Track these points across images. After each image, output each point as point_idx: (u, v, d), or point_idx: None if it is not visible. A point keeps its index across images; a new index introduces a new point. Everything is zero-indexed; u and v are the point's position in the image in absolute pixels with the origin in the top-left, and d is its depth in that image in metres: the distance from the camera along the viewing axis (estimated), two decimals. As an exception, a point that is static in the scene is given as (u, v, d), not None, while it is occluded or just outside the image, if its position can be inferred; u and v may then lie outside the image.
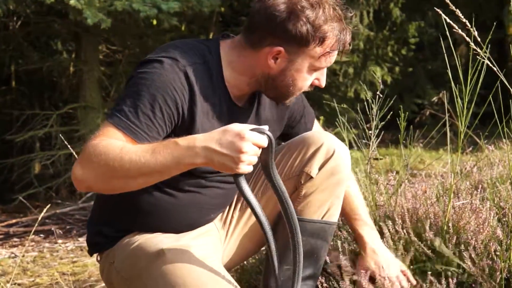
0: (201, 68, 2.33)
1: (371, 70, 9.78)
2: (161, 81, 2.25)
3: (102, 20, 6.53)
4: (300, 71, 2.37)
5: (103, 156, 2.14)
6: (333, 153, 2.60)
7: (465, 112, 2.92)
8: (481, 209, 2.97)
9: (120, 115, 2.22)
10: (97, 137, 2.21)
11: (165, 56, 2.30)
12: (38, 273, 4.70)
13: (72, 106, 8.70)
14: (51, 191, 8.39)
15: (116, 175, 2.17)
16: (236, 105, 2.45)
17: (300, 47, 2.32)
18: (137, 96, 2.24)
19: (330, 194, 2.63)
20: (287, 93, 2.43)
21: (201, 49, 2.38)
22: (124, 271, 2.44)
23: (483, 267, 2.77)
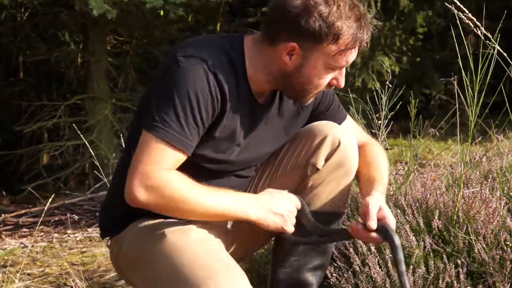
0: (227, 67, 2.32)
1: (378, 60, 9.75)
2: (196, 86, 2.24)
3: (107, 11, 6.53)
4: (315, 68, 2.34)
5: (175, 194, 2.24)
6: (339, 144, 2.58)
7: (475, 102, 2.91)
8: (491, 199, 2.97)
9: (165, 127, 2.24)
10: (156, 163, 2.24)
11: (193, 55, 2.29)
12: (47, 263, 4.72)
13: (80, 97, 8.70)
14: (59, 182, 8.40)
15: (180, 213, 2.32)
16: (257, 102, 2.44)
17: (314, 44, 2.29)
18: (175, 104, 2.24)
19: (337, 186, 2.62)
20: (304, 92, 2.40)
21: (226, 47, 2.37)
22: (130, 253, 2.47)
23: (493, 256, 2.76)
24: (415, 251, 2.81)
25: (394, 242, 2.34)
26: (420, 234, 2.90)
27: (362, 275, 2.82)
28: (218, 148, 2.42)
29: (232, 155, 2.46)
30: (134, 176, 2.25)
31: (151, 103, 2.29)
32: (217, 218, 2.35)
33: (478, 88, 2.87)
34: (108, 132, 8.40)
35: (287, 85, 2.39)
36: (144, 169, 2.24)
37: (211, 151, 2.41)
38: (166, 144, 2.24)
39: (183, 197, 2.24)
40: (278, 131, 2.56)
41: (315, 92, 2.41)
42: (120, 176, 2.51)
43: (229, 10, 10.85)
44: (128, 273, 2.56)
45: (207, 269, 2.25)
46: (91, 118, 8.44)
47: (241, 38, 2.42)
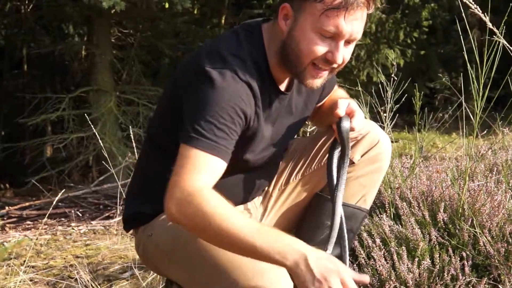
0: (255, 71, 2.28)
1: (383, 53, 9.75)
2: (229, 96, 2.20)
3: (116, 3, 6.54)
4: (304, 31, 2.22)
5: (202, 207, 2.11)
6: (378, 142, 2.62)
7: (481, 95, 2.91)
8: (496, 192, 2.96)
9: (198, 136, 2.17)
10: (193, 177, 2.16)
11: (223, 67, 2.23)
12: (51, 255, 4.72)
13: (84, 89, 8.71)
14: (63, 175, 8.42)
15: (203, 231, 2.16)
16: (281, 92, 2.40)
17: (302, 2, 2.20)
18: (210, 116, 2.18)
19: (368, 181, 2.65)
20: (297, 62, 2.28)
21: (248, 48, 2.31)
22: (164, 244, 2.42)
23: (498, 249, 2.76)
24: (421, 244, 2.81)
25: (345, 128, 2.41)
26: (425, 227, 2.90)
27: (367, 268, 2.82)
28: (255, 149, 2.40)
29: (261, 152, 2.44)
30: (170, 190, 2.18)
31: (185, 117, 2.23)
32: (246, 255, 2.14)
33: (483, 81, 2.87)
34: (112, 125, 8.41)
35: (285, 59, 2.30)
36: (178, 181, 2.16)
37: (249, 154, 2.40)
38: (200, 151, 2.17)
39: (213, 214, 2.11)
40: (299, 114, 2.54)
41: (308, 62, 2.27)
42: (145, 170, 2.51)
43: (234, 3, 10.86)
44: (158, 263, 2.52)
45: (254, 264, 2.17)
46: (95, 111, 8.45)
47: (259, 33, 2.36)
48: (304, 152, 2.72)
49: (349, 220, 2.61)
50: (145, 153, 2.56)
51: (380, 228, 2.93)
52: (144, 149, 2.58)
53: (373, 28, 9.93)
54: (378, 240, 2.83)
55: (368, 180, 2.64)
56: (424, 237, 2.83)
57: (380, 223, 2.95)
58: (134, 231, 2.58)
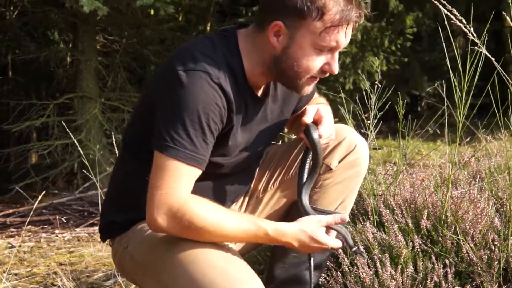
0: (228, 74, 2.27)
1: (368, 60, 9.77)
2: (203, 100, 2.20)
3: (98, 8, 6.52)
4: (302, 48, 2.25)
5: (195, 222, 2.20)
6: (355, 147, 2.63)
7: (463, 103, 2.92)
8: (479, 199, 2.97)
9: (176, 146, 2.19)
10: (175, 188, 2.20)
11: (194, 69, 2.22)
12: (35, 263, 4.70)
13: (69, 96, 8.68)
14: (48, 181, 8.38)
15: (198, 236, 2.26)
16: (257, 97, 2.41)
17: (298, 20, 2.21)
18: (185, 121, 2.19)
19: (347, 187, 2.66)
20: (296, 77, 2.31)
21: (222, 51, 2.31)
22: (139, 256, 2.42)
23: (481, 257, 2.77)
24: (404, 251, 2.81)
25: (312, 136, 2.45)
26: (408, 234, 2.91)
27: (350, 275, 2.82)
28: (228, 153, 2.40)
29: (235, 156, 2.44)
30: (154, 204, 2.21)
31: (159, 122, 2.24)
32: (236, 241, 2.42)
33: (466, 89, 2.88)
34: (97, 132, 8.39)
35: (280, 72, 2.32)
36: (162, 195, 2.20)
37: (222, 158, 2.39)
38: (180, 163, 2.20)
39: (200, 229, 2.21)
40: (275, 120, 2.53)
41: (307, 76, 2.32)
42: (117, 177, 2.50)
43: (219, 10, 10.86)
44: (134, 274, 2.51)
45: (228, 277, 2.20)
46: (80, 117, 8.42)
47: (234, 37, 2.36)
48: (281, 160, 2.72)
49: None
50: (121, 161, 2.54)
51: (363, 235, 2.93)
52: (120, 158, 2.56)
53: (359, 36, 9.96)
54: (362, 247, 2.83)
55: (347, 186, 2.65)
56: (407, 244, 2.84)
57: (363, 230, 2.95)
58: (111, 241, 2.57)
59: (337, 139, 2.61)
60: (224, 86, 2.23)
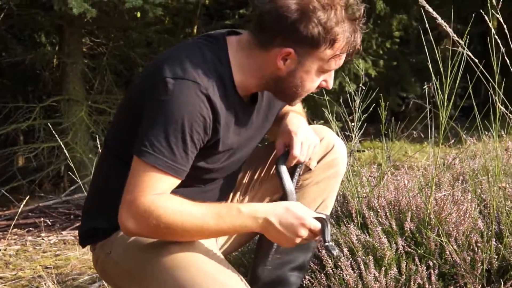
0: (217, 84, 2.27)
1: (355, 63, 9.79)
2: (188, 110, 2.19)
3: (87, 10, 6.50)
4: (309, 73, 2.31)
5: (162, 219, 2.19)
6: (333, 147, 2.67)
7: (446, 104, 2.93)
8: (463, 201, 2.98)
9: (155, 153, 2.19)
10: (144, 190, 2.20)
11: (183, 77, 2.22)
12: (20, 266, 4.68)
13: (56, 98, 8.66)
14: (34, 184, 8.35)
15: (175, 235, 2.26)
16: (244, 103, 2.41)
17: (310, 49, 2.26)
18: (167, 130, 2.19)
19: (326, 187, 2.67)
20: (295, 95, 2.38)
21: (212, 59, 2.30)
22: (124, 262, 2.40)
23: (464, 258, 2.78)
24: (388, 253, 2.82)
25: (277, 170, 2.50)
26: (392, 236, 2.91)
27: (334, 277, 2.82)
28: (215, 159, 2.39)
29: (224, 162, 2.43)
30: (123, 208, 2.22)
31: (142, 127, 2.24)
32: (216, 236, 2.37)
33: (448, 91, 2.89)
34: (83, 134, 8.37)
35: (279, 89, 2.36)
36: (131, 198, 2.20)
37: (209, 163, 2.39)
38: (157, 170, 2.20)
39: (179, 222, 2.20)
40: (261, 125, 2.54)
41: (305, 94, 2.41)
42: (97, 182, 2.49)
43: (206, 13, 10.85)
44: (118, 280, 2.50)
45: (214, 283, 2.22)
46: (66, 120, 8.40)
47: (225, 46, 2.35)
48: (261, 161, 2.73)
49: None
50: (103, 164, 2.52)
51: (347, 237, 2.93)
52: (101, 160, 2.55)
53: (345, 39, 9.97)
54: (345, 249, 2.84)
55: (327, 186, 2.67)
56: (391, 246, 2.85)
57: (347, 232, 2.96)
58: (92, 247, 2.55)
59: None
60: (212, 97, 2.23)
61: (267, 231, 2.26)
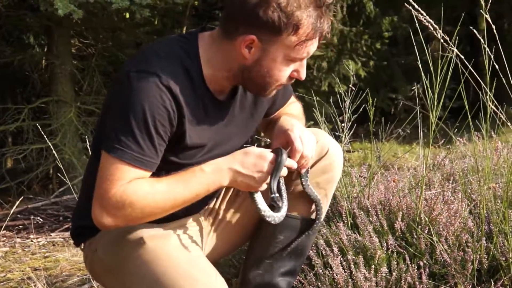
0: (182, 77, 2.26)
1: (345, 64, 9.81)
2: (150, 102, 2.19)
3: (73, 11, 6.47)
4: (275, 61, 2.26)
5: (136, 205, 2.20)
6: (327, 151, 2.58)
7: (435, 105, 2.93)
8: (453, 201, 2.99)
9: (122, 147, 2.20)
10: (113, 183, 2.21)
11: (146, 70, 2.22)
12: (9, 268, 4.66)
13: (44, 100, 8.63)
14: (23, 186, 8.32)
15: (152, 215, 2.27)
16: (218, 100, 2.39)
17: (273, 35, 2.21)
18: (131, 123, 2.19)
19: (319, 192, 2.60)
20: (264, 85, 2.32)
21: (179, 54, 2.30)
22: (107, 259, 2.43)
23: (455, 258, 2.78)
24: (378, 252, 2.82)
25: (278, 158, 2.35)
26: (383, 236, 2.91)
27: (324, 277, 2.82)
28: (187, 154, 2.38)
29: (201, 157, 2.40)
30: (96, 201, 2.24)
31: (108, 122, 2.26)
32: (191, 201, 2.31)
33: (437, 91, 2.89)
34: (72, 136, 8.34)
35: (248, 80, 2.32)
36: (102, 192, 2.22)
37: (181, 158, 2.37)
38: (125, 164, 2.20)
39: (151, 202, 2.22)
40: (244, 123, 2.52)
41: (276, 85, 2.34)
42: (87, 183, 2.48)
43: (195, 14, 10.84)
44: (104, 279, 2.53)
45: (188, 278, 2.23)
46: (55, 122, 8.36)
47: (195, 40, 2.35)
48: None
49: (302, 232, 2.60)
50: (90, 165, 2.53)
51: (337, 237, 2.94)
52: (89, 161, 2.56)
53: (335, 40, 9.99)
54: (336, 248, 2.84)
55: (320, 192, 2.60)
56: (381, 245, 2.85)
57: (337, 231, 2.96)
58: (82, 246, 2.58)
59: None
60: (174, 89, 2.22)
61: (235, 180, 2.29)
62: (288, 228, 2.59)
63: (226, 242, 2.69)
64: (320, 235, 2.97)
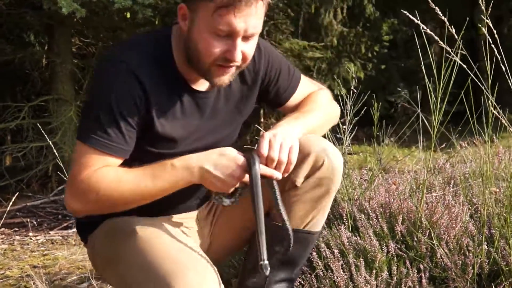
0: (152, 66, 2.28)
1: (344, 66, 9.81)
2: (115, 89, 2.22)
3: (76, 10, 6.48)
4: (200, 31, 2.20)
5: (102, 191, 2.21)
6: (322, 163, 2.44)
7: (438, 109, 2.93)
8: (454, 205, 2.99)
9: (90, 134, 2.23)
10: (82, 168, 2.23)
11: (114, 59, 2.27)
12: (8, 265, 4.66)
13: (44, 98, 8.62)
14: (22, 184, 8.32)
15: (118, 205, 2.28)
16: (196, 90, 2.38)
17: (196, 2, 2.20)
18: (98, 110, 2.24)
19: (314, 206, 2.51)
20: (198, 61, 2.26)
21: (152, 44, 2.32)
22: (103, 252, 2.45)
23: (455, 262, 2.79)
24: (379, 256, 2.82)
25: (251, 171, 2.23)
26: (383, 239, 2.92)
27: (325, 279, 2.83)
28: (164, 145, 2.38)
29: (180, 149, 2.39)
30: (66, 186, 2.29)
31: (82, 112, 2.33)
32: (159, 196, 2.27)
33: (440, 95, 2.90)
34: (72, 134, 8.33)
35: (189, 58, 2.29)
36: (71, 177, 2.25)
37: (159, 148, 2.38)
38: (93, 150, 2.23)
39: (118, 190, 2.22)
40: (230, 116, 2.49)
41: (209, 62, 2.25)
42: None
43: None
44: (104, 272, 2.54)
45: (177, 263, 2.21)
46: (55, 120, 8.36)
47: (169, 31, 2.36)
48: None
49: (297, 243, 2.52)
50: None
51: (338, 240, 2.94)
52: None
53: (335, 42, 10.00)
54: (337, 251, 2.84)
55: (314, 205, 2.52)
56: (382, 249, 2.85)
57: (338, 234, 2.96)
58: (84, 242, 2.62)
59: (302, 152, 2.39)
60: (141, 77, 2.24)
61: (205, 179, 2.23)
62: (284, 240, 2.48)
63: (222, 243, 2.68)
64: (321, 237, 2.97)
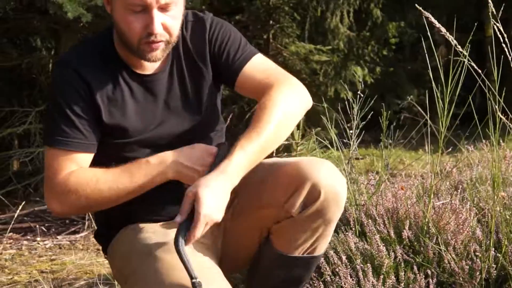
0: (95, 59, 2.33)
1: (351, 69, 9.79)
2: (60, 88, 2.31)
3: (82, 14, 6.49)
4: (118, 11, 2.25)
5: (80, 192, 2.25)
6: (319, 195, 2.29)
7: (446, 113, 2.93)
8: (461, 210, 2.99)
9: (50, 135, 2.30)
10: (55, 171, 2.27)
11: (60, 62, 2.36)
12: (16, 270, 4.67)
13: (51, 103, 8.63)
14: (29, 188, 8.33)
15: (98, 204, 2.32)
16: (143, 74, 2.38)
17: None
18: (54, 112, 2.31)
19: (314, 234, 2.40)
20: (127, 41, 2.28)
21: (96, 40, 2.42)
22: (122, 268, 2.42)
23: (462, 267, 2.78)
24: (386, 261, 2.82)
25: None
26: (390, 244, 2.91)
27: (332, 285, 2.82)
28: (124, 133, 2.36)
29: (147, 134, 2.38)
30: (45, 190, 2.32)
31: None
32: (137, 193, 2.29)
33: (448, 99, 2.89)
34: (79, 139, 8.34)
35: (120, 41, 2.33)
36: (47, 180, 2.29)
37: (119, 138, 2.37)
38: (58, 150, 2.28)
39: (95, 190, 2.26)
40: (193, 95, 2.44)
41: (136, 39, 2.26)
42: None
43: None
44: (120, 282, 2.52)
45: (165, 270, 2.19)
46: (62, 125, 8.37)
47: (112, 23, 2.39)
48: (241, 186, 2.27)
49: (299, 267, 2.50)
50: None
51: (345, 245, 2.93)
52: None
53: (341, 45, 9.99)
54: (344, 257, 2.84)
55: (314, 234, 2.41)
56: (389, 254, 2.85)
57: (345, 240, 2.95)
58: (104, 253, 2.62)
59: (298, 179, 2.30)
60: (83, 72, 2.30)
61: (180, 174, 2.27)
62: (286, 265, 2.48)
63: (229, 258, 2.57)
64: (329, 243, 2.96)
